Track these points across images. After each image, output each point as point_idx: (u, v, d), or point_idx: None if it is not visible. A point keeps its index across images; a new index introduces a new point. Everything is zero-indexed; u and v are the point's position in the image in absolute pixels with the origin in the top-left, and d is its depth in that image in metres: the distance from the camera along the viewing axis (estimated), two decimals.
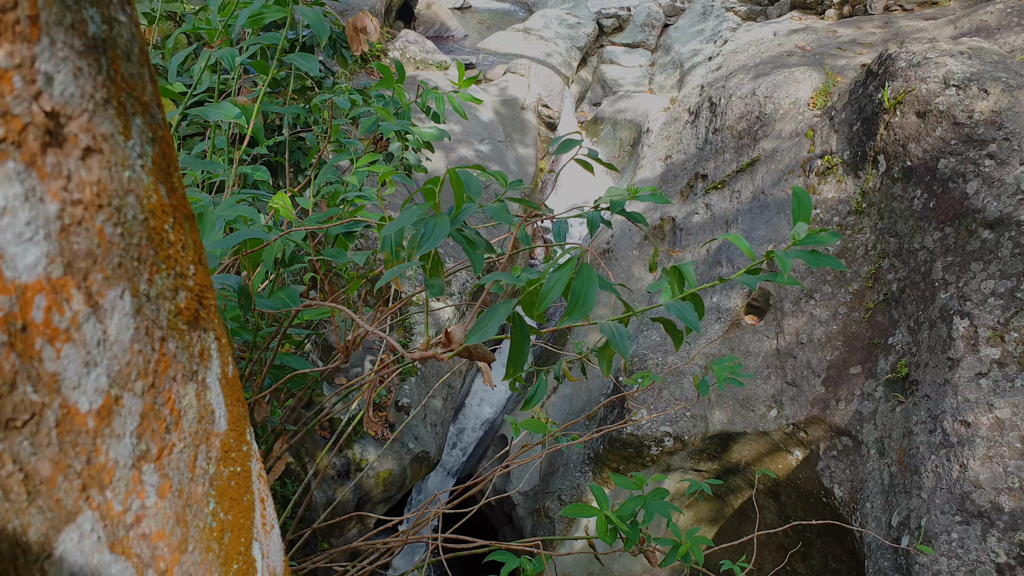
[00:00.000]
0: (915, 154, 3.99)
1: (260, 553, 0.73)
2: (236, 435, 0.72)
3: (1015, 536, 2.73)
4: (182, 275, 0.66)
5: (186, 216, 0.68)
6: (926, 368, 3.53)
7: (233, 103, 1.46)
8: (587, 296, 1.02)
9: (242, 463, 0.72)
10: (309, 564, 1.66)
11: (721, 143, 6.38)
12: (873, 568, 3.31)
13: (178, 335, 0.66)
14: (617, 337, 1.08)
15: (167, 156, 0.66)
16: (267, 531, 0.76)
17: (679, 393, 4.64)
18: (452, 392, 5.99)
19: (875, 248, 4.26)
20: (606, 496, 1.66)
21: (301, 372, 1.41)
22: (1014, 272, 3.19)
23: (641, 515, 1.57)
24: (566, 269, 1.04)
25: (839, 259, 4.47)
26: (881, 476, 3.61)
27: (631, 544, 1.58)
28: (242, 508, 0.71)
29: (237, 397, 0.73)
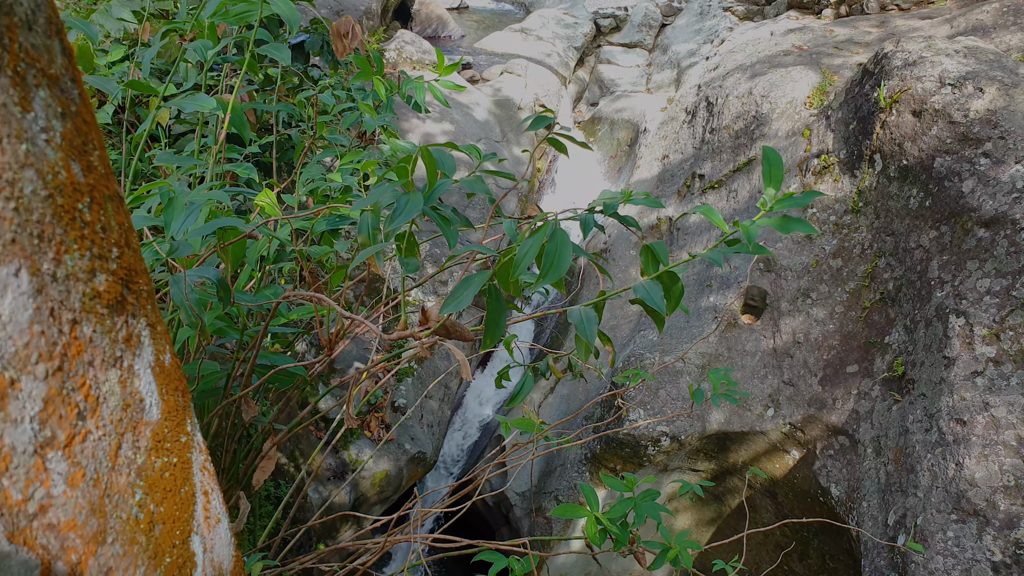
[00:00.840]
0: (911, 153, 3.99)
1: (201, 547, 0.71)
2: (172, 425, 0.70)
3: (1011, 535, 2.73)
4: (101, 257, 0.63)
5: (108, 197, 0.65)
6: (922, 367, 3.53)
7: (218, 100, 1.45)
8: (561, 258, 1.02)
9: (179, 454, 0.70)
10: (297, 564, 1.65)
11: (718, 143, 6.37)
12: (869, 567, 3.30)
13: (96, 319, 0.63)
14: (584, 322, 1.07)
15: (84, 133, 0.62)
16: (211, 525, 0.74)
17: (675, 393, 4.64)
18: (449, 393, 5.98)
19: (872, 247, 4.25)
20: (596, 497, 1.65)
21: (282, 368, 1.39)
22: (1009, 271, 3.19)
23: (631, 517, 1.56)
24: (539, 234, 1.03)
25: (836, 258, 4.47)
26: (878, 475, 3.60)
27: (620, 545, 1.57)
28: (179, 500, 0.69)
29: (175, 387, 0.71)
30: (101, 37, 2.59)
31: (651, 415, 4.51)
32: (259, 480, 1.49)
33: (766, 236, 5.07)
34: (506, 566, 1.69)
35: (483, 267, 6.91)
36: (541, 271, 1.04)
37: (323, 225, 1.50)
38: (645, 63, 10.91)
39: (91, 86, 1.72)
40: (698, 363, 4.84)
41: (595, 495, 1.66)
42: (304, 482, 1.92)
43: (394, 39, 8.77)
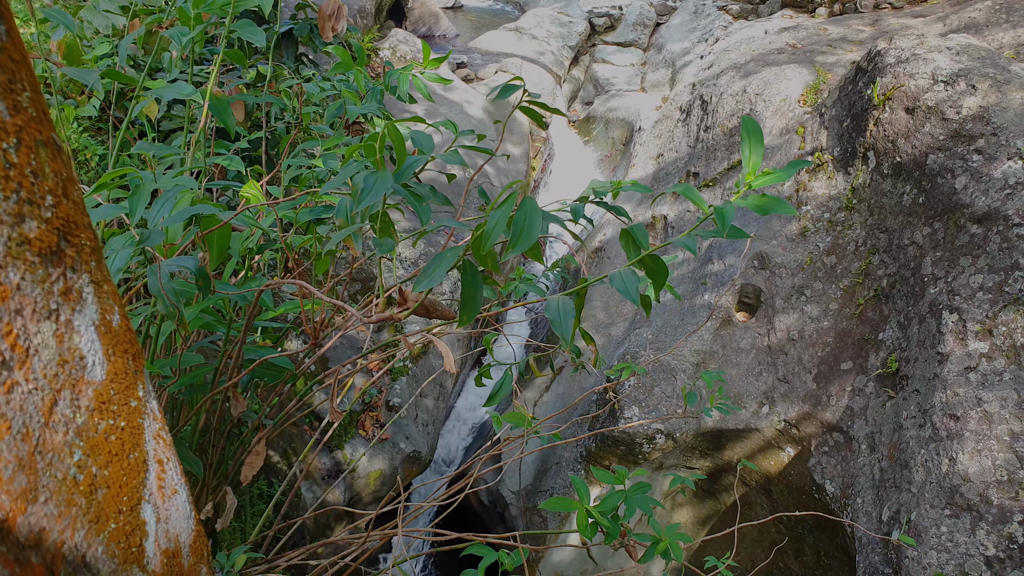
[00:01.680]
0: (904, 150, 3.99)
1: (154, 517, 0.69)
2: (120, 388, 0.67)
3: (1004, 529, 2.73)
4: (31, 202, 0.60)
5: (41, 142, 0.62)
6: (916, 363, 3.53)
7: (205, 92, 1.44)
8: (530, 227, 0.98)
9: (128, 419, 0.68)
10: (284, 560, 1.64)
11: (712, 141, 6.38)
12: (864, 563, 3.30)
13: (25, 266, 0.60)
14: (561, 314, 1.05)
15: (10, 71, 0.59)
16: (166, 495, 0.72)
17: (670, 390, 4.64)
18: (444, 392, 5.97)
19: (865, 244, 4.26)
20: (587, 489, 1.65)
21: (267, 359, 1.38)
22: (1002, 266, 3.20)
23: (622, 510, 1.56)
24: (507, 204, 1.00)
25: (830, 255, 4.48)
26: (872, 471, 3.61)
27: (611, 538, 1.57)
28: (126, 465, 0.67)
29: (125, 350, 0.69)
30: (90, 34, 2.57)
31: (646, 413, 4.51)
32: (247, 475, 1.48)
33: (761, 233, 5.08)
34: (495, 560, 1.69)
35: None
36: (510, 240, 1.00)
37: (307, 215, 1.49)
38: (640, 62, 10.92)
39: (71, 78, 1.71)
40: (693, 361, 4.84)
41: (586, 488, 1.65)
42: (296, 478, 1.91)
43: (388, 37, 8.76)
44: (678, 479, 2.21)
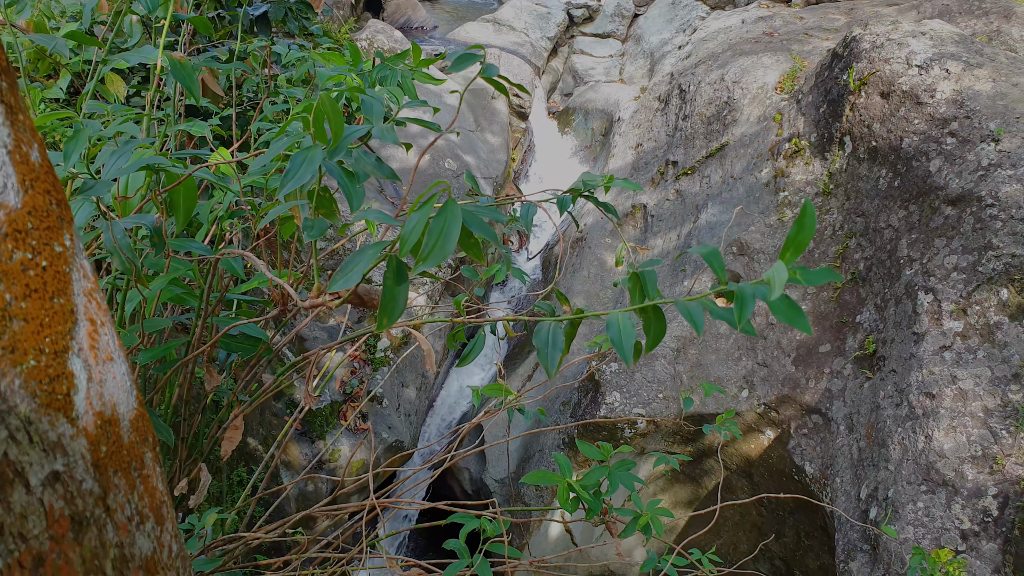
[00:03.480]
0: (880, 134, 4.03)
1: (85, 374, 0.67)
2: (39, 224, 0.64)
3: (979, 503, 2.78)
4: None
5: None
6: (892, 344, 3.58)
7: (166, 56, 1.41)
8: (447, 237, 0.89)
9: (51, 261, 0.65)
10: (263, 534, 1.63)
11: (691, 129, 6.41)
12: (843, 541, 3.35)
13: None
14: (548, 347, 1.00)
15: None
16: (100, 358, 0.69)
17: (651, 376, 4.66)
18: (426, 382, 5.96)
19: (842, 228, 4.30)
20: (570, 464, 1.66)
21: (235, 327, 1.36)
22: (975, 247, 3.24)
23: (605, 485, 1.56)
24: (427, 208, 0.91)
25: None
26: (850, 451, 3.65)
27: (593, 514, 1.57)
28: (49, 308, 0.64)
29: (44, 188, 0.66)
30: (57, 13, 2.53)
31: (628, 398, 4.53)
32: (227, 451, 1.46)
33: (740, 220, 5.11)
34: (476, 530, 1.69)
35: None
36: (419, 254, 0.89)
37: (277, 180, 1.47)
38: (618, 53, 10.93)
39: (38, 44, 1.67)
40: (673, 346, 4.86)
41: (569, 464, 1.66)
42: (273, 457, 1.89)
43: (365, 28, 8.69)
44: (663, 459, 2.22)
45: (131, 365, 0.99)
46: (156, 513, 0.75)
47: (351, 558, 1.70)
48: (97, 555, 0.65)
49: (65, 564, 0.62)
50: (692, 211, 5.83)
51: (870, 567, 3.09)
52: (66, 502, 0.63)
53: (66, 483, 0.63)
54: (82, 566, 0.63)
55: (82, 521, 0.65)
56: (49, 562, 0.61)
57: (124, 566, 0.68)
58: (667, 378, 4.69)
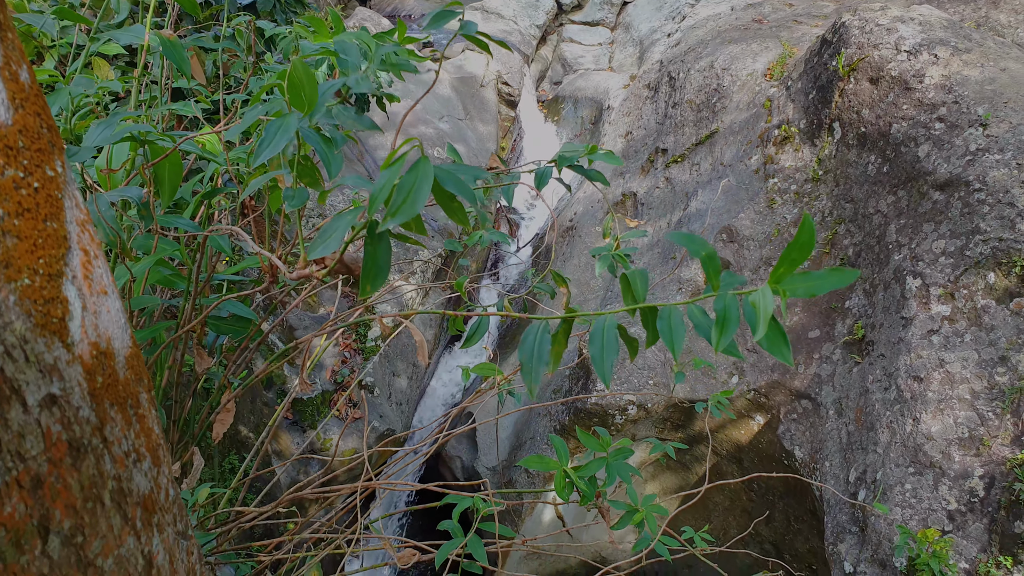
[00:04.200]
0: (869, 120, 4.05)
1: (79, 302, 0.67)
2: (30, 144, 0.64)
3: (965, 484, 2.81)
4: None
5: None
6: (881, 328, 3.60)
7: (155, 33, 1.39)
8: (416, 193, 0.86)
9: (43, 184, 0.64)
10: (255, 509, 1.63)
11: (681, 117, 6.41)
12: (832, 523, 3.38)
13: None
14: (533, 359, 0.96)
15: None
16: (94, 289, 0.69)
17: (642, 362, 4.68)
18: (417, 371, 5.95)
19: (832, 214, 4.32)
20: (566, 449, 1.66)
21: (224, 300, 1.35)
22: (963, 231, 3.26)
23: (602, 475, 1.57)
24: (397, 165, 0.89)
25: (794, 226, 4.53)
26: (839, 435, 3.68)
27: (587, 500, 1.58)
28: (42, 230, 0.63)
29: (35, 111, 0.66)
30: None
31: (618, 385, 4.55)
32: (218, 433, 1.45)
33: (729, 207, 5.12)
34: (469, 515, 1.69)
35: None
36: (389, 208, 0.87)
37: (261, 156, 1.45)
38: (608, 41, 10.90)
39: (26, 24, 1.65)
40: None
41: (565, 448, 1.66)
42: (264, 443, 1.89)
43: (353, 16, 8.62)
44: (658, 446, 2.23)
45: None
46: (153, 454, 0.75)
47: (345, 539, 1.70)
48: (95, 484, 0.65)
49: (64, 488, 0.62)
50: (682, 199, 5.84)
51: (859, 548, 3.12)
52: (63, 427, 0.64)
53: (63, 408, 0.64)
54: (80, 492, 0.64)
55: (80, 448, 0.66)
56: (47, 484, 0.62)
57: (123, 499, 0.69)
58: (657, 365, 4.71)
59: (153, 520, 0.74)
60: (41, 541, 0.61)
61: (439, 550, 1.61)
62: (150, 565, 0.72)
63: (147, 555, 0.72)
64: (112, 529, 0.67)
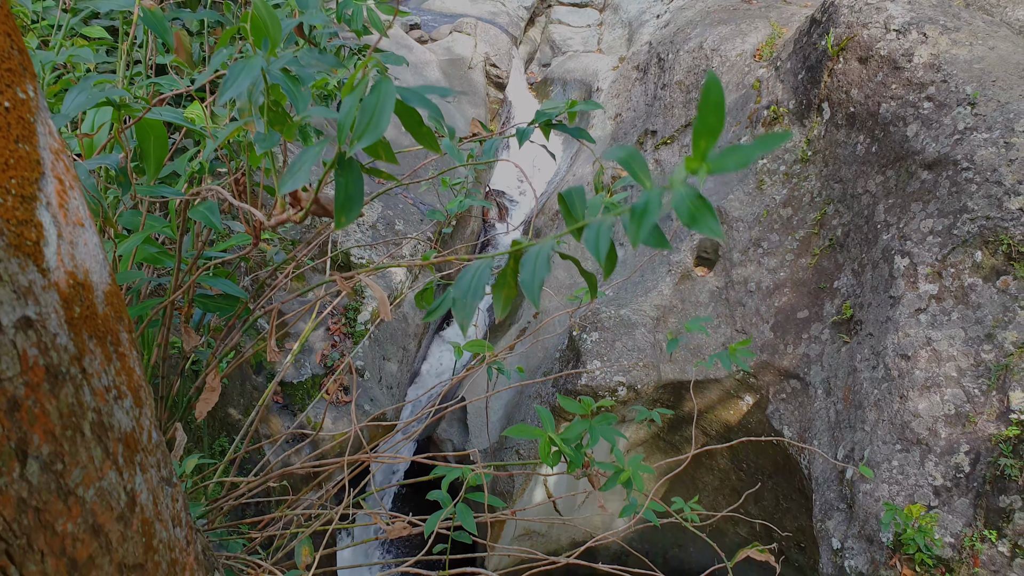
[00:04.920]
0: (858, 100, 4.04)
1: (54, 229, 0.66)
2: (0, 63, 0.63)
3: (951, 460, 2.84)
4: None
5: None
6: (869, 308, 3.62)
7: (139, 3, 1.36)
8: (381, 111, 0.85)
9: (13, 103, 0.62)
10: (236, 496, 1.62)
11: (670, 99, 6.38)
12: (820, 501, 3.41)
13: None
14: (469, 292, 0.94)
15: None
16: (70, 218, 0.68)
17: (631, 344, 4.69)
18: (407, 355, 5.95)
19: (820, 195, 4.33)
20: (552, 419, 1.66)
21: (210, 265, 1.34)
22: (951, 210, 3.28)
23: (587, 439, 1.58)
24: (359, 87, 0.88)
25: (786, 207, 4.54)
26: (828, 414, 3.71)
27: (575, 467, 1.59)
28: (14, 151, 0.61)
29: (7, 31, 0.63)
30: None
31: (608, 366, 4.56)
32: (202, 412, 1.44)
33: (719, 189, 5.12)
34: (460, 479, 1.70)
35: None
36: (354, 133, 0.87)
37: None
38: (596, 23, 10.83)
39: None
40: (653, 315, 4.89)
41: (551, 417, 1.66)
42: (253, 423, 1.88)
43: None
44: (644, 413, 2.24)
45: None
46: (135, 395, 0.75)
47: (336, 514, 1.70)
48: (75, 413, 0.65)
49: (42, 414, 0.62)
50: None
51: (846, 525, 3.15)
52: (40, 351, 0.64)
53: (39, 332, 0.64)
54: (59, 420, 0.64)
55: (57, 375, 0.66)
56: (25, 408, 0.61)
57: (103, 433, 0.68)
58: (647, 346, 4.72)
59: (136, 459, 0.73)
60: (19, 464, 0.61)
61: (428, 520, 1.61)
62: (133, 502, 0.72)
63: (130, 492, 0.71)
64: (93, 460, 0.67)
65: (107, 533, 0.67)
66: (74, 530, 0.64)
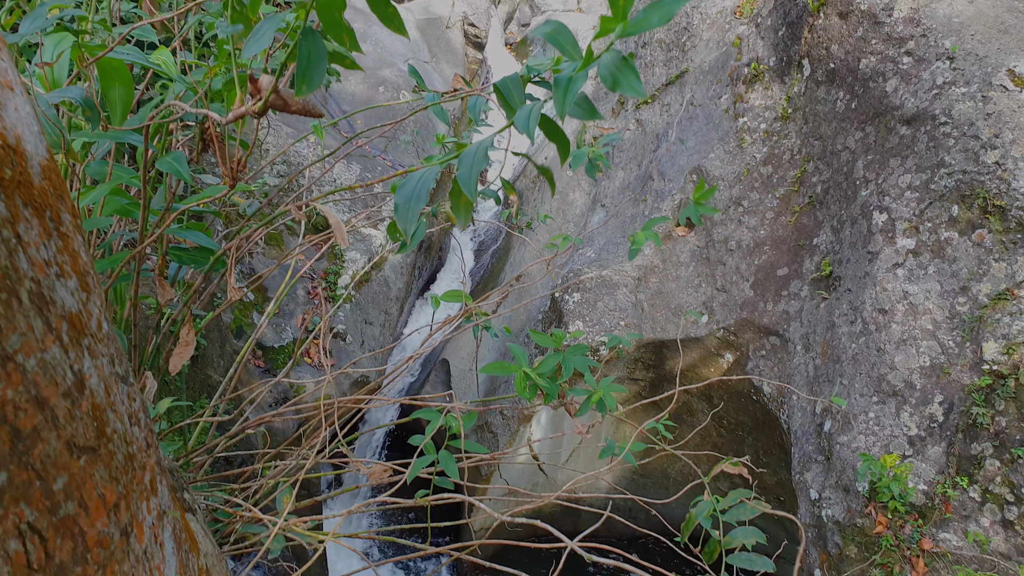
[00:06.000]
0: (838, 56, 4.03)
1: None
2: None
3: (925, 410, 2.90)
4: None
5: None
6: (848, 264, 3.66)
7: None
8: (315, 63, 0.86)
9: None
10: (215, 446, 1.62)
11: (650, 57, 6.32)
12: (799, 454, 3.48)
13: None
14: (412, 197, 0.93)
15: None
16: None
17: (613, 304, 4.71)
18: (389, 318, 5.94)
19: (800, 152, 4.33)
20: (525, 353, 1.67)
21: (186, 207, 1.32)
22: (928, 165, 3.29)
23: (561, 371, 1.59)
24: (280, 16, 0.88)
25: (767, 166, 4.55)
26: (806, 369, 3.76)
27: (550, 398, 1.60)
28: None
29: None
30: None
31: (590, 326, 4.58)
32: (175, 366, 1.43)
33: (700, 147, 5.11)
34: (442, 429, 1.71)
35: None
36: (297, 78, 0.87)
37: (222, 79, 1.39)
38: None
39: None
40: (634, 275, 4.91)
41: (524, 353, 1.68)
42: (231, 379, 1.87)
43: None
44: (615, 339, 2.25)
45: None
46: (80, 278, 0.73)
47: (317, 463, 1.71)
48: (8, 276, 0.63)
49: None
50: (653, 140, 5.81)
51: (824, 476, 3.22)
52: None
53: None
54: None
55: None
56: None
57: (44, 305, 0.66)
58: (628, 306, 4.75)
59: (83, 342, 0.71)
60: None
61: (411, 466, 1.63)
62: (81, 384, 0.70)
63: (77, 373, 0.69)
64: (32, 330, 0.65)
65: (52, 408, 0.65)
66: (15, 398, 0.62)
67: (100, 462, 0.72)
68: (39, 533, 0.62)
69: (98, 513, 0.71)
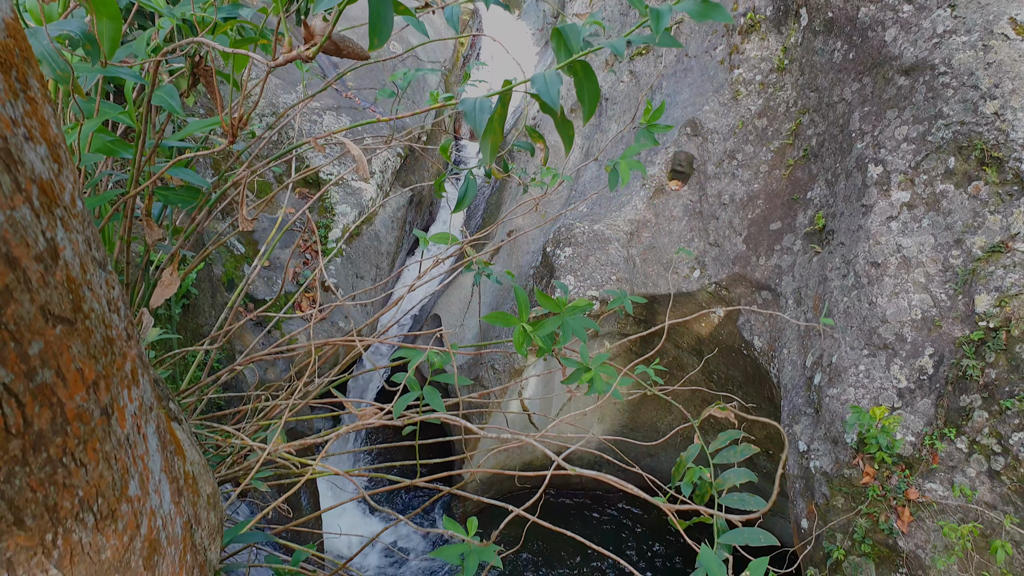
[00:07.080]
0: (836, 4, 3.94)
1: None
2: None
3: (915, 363, 2.91)
4: None
5: None
6: (841, 217, 3.63)
7: None
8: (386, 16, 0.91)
9: None
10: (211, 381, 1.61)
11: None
12: (788, 407, 3.50)
13: None
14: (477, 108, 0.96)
15: None
16: None
17: (604, 259, 4.68)
18: (380, 272, 5.91)
19: (796, 104, 4.27)
20: (528, 304, 1.66)
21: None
22: (926, 116, 3.25)
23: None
24: None
25: (762, 118, 4.48)
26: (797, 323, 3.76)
27: (543, 352, 1.59)
28: None
29: None
30: None
31: (582, 281, 4.56)
32: (157, 300, 1.41)
33: (694, 99, 5.03)
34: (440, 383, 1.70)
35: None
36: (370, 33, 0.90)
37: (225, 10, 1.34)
38: None
39: None
40: (627, 230, 4.88)
41: (527, 301, 1.66)
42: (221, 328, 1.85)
43: None
44: (617, 299, 2.25)
45: None
46: (52, 149, 0.70)
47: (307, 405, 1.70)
48: None
49: None
50: (646, 92, 5.72)
51: (813, 428, 3.25)
52: None
53: None
54: None
55: None
56: None
57: (11, 162, 0.63)
58: (620, 261, 4.73)
59: (56, 212, 0.68)
60: None
61: (395, 403, 1.62)
62: (55, 252, 0.67)
63: (50, 240, 0.67)
64: (1, 185, 0.62)
65: (25, 269, 0.63)
66: None
67: (77, 336, 0.70)
68: (16, 396, 0.61)
69: (76, 387, 0.70)
